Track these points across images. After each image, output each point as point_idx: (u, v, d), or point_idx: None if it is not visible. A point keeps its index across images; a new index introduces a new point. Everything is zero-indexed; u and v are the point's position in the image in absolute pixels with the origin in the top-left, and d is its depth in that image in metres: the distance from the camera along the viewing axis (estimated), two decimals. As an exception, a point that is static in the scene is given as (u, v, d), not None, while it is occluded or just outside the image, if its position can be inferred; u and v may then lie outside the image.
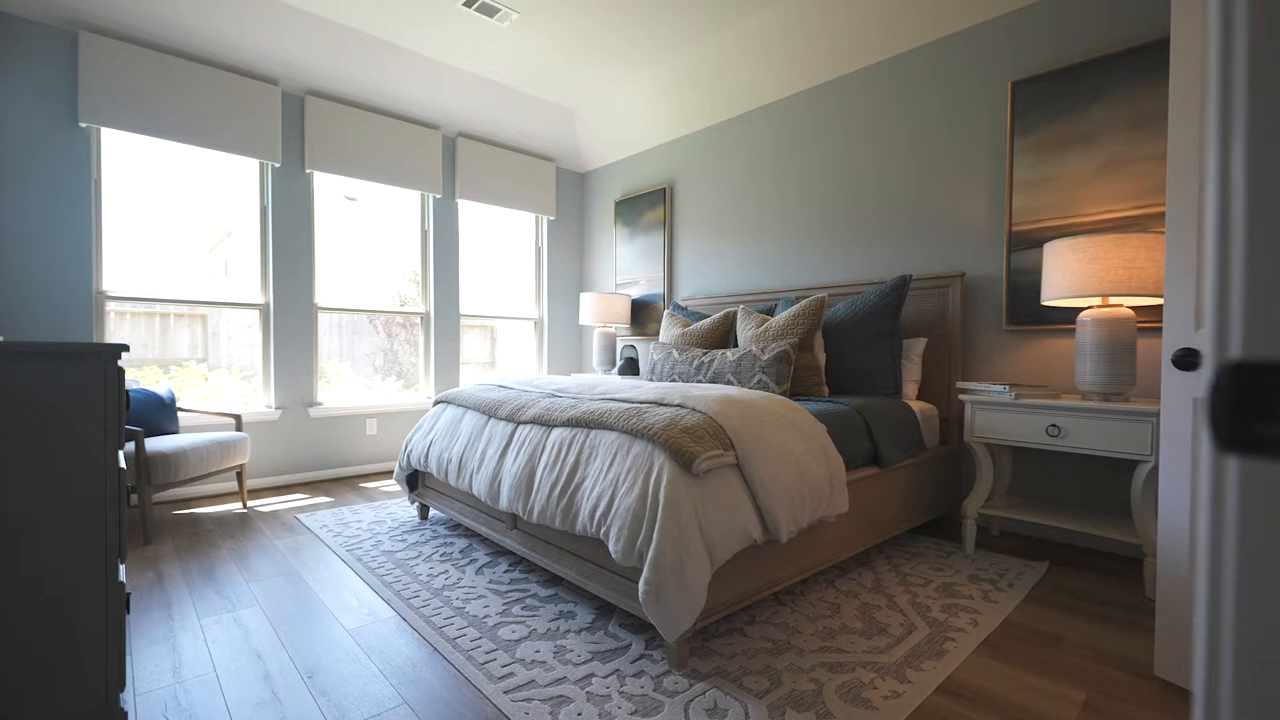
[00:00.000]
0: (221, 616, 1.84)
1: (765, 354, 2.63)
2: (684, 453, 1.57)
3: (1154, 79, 2.29)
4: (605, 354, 4.42)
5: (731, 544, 1.56)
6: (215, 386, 3.68)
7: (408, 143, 4.01)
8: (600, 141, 4.67)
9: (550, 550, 1.98)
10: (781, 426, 1.83)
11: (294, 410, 3.65)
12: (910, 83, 3.04)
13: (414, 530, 2.70)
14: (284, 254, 3.59)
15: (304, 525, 2.78)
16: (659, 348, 3.19)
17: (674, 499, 1.52)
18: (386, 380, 4.37)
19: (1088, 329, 2.18)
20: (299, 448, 3.66)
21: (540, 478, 1.94)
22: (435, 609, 1.89)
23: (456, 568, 2.25)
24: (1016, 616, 1.87)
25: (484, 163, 4.44)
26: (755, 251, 3.78)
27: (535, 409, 2.16)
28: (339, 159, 3.72)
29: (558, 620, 1.82)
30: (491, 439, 2.29)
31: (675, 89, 3.91)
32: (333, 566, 2.27)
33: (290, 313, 3.62)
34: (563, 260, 5.08)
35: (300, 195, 3.63)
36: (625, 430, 1.75)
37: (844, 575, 2.19)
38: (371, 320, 4.34)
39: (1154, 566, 2.00)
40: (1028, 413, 2.25)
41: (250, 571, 2.21)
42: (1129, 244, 2.04)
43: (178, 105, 3.14)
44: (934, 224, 2.95)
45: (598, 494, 1.70)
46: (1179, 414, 1.45)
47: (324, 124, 3.66)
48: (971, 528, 2.42)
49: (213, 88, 3.25)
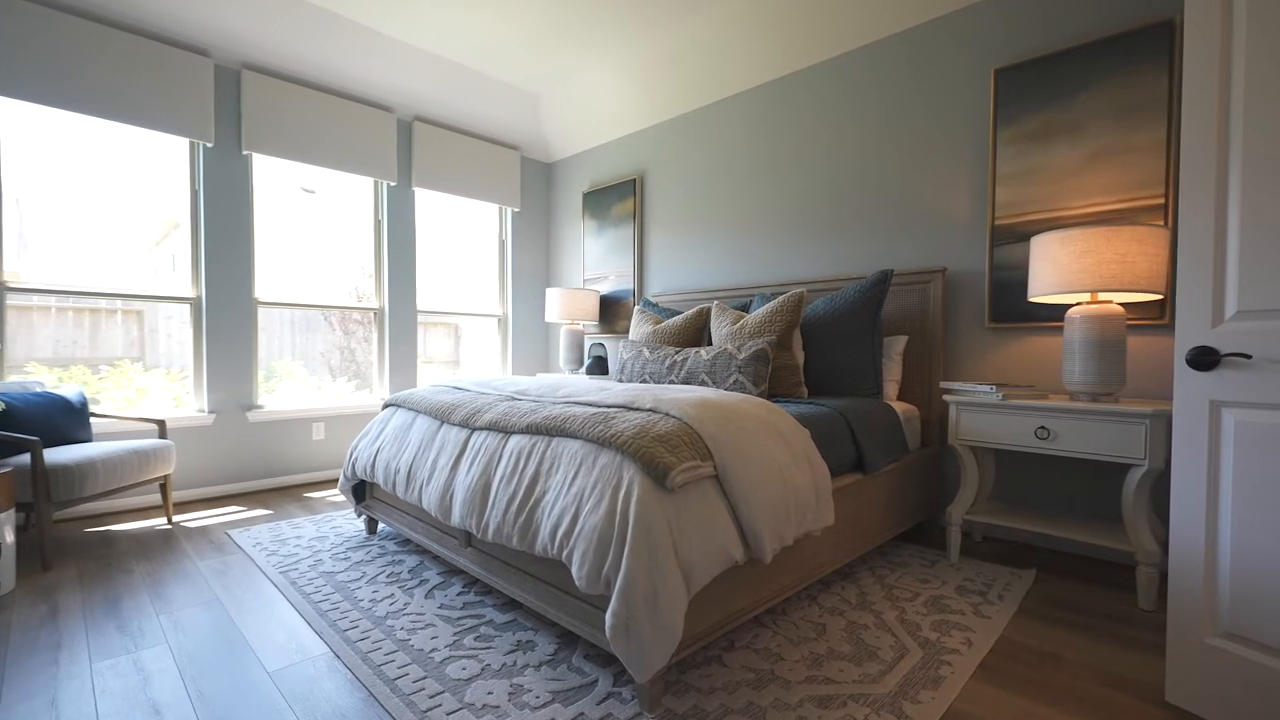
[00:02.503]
0: (119, 659, 1.58)
1: (742, 352, 2.47)
2: (657, 464, 1.39)
3: (1143, 66, 2.20)
4: (572, 353, 4.21)
5: (710, 567, 1.39)
6: (143, 388, 3.34)
7: (358, 125, 3.73)
8: (567, 130, 4.45)
9: (508, 572, 1.78)
10: (762, 432, 1.67)
11: (230, 414, 3.34)
12: (889, 70, 2.92)
13: (359, 547, 2.46)
14: (219, 242, 3.27)
15: (234, 543, 2.50)
16: (629, 346, 3.00)
17: (646, 517, 1.33)
18: (340, 380, 4.07)
19: (1076, 327, 2.08)
20: (235, 455, 3.35)
21: (496, 491, 1.73)
22: (375, 642, 1.66)
23: (404, 591, 2.02)
24: (1011, 633, 1.75)
25: (443, 149, 4.17)
26: (729, 245, 3.62)
27: (491, 414, 1.95)
28: (281, 140, 3.42)
29: (515, 652, 1.62)
30: (444, 447, 2.07)
31: (645, 75, 3.72)
32: (262, 592, 2.02)
33: (225, 307, 3.31)
34: (528, 254, 4.85)
35: (237, 178, 3.32)
36: (591, 438, 1.56)
37: (826, 590, 2.04)
38: (327, 317, 4.04)
39: (1148, 576, 1.91)
40: (1015, 414, 2.15)
41: (164, 601, 1.94)
42: (1121, 237, 1.94)
43: (89, 74, 2.80)
44: (914, 217, 2.84)
45: (559, 511, 1.50)
46: (1194, 417, 1.33)
47: (263, 101, 3.35)
48: (956, 535, 2.31)
49: (133, 56, 2.92)
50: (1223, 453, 1.30)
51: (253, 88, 3.31)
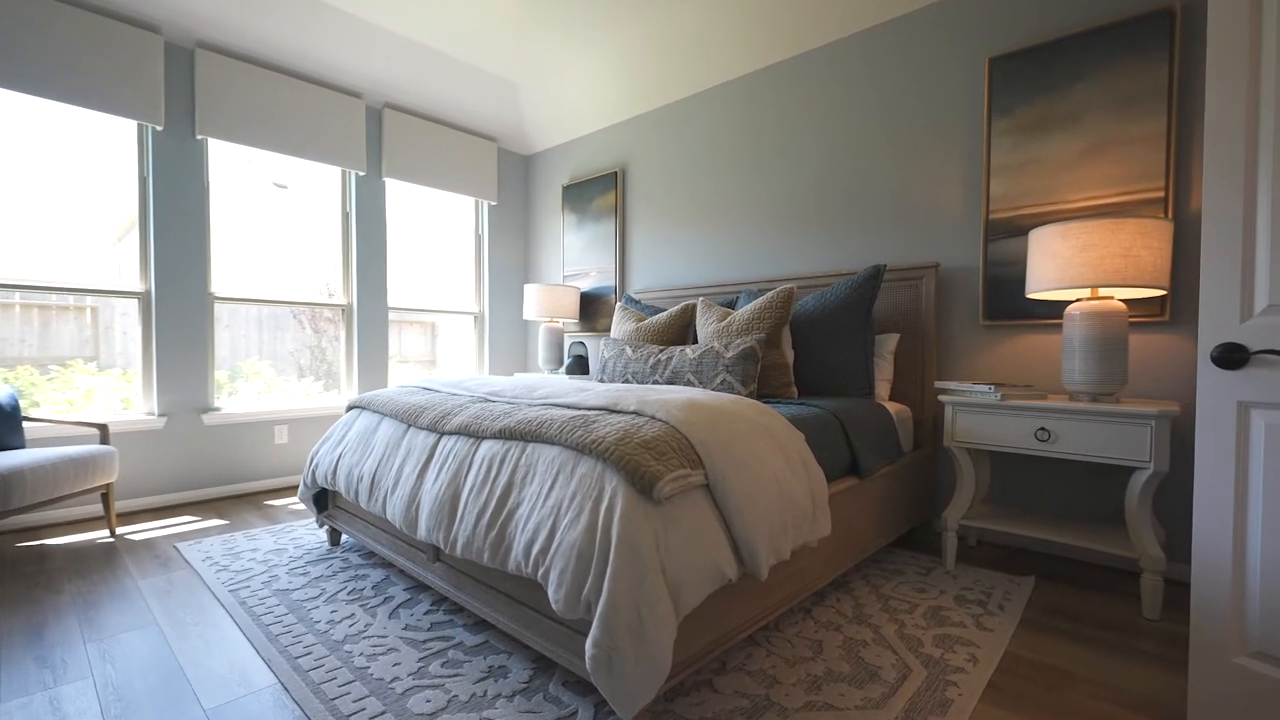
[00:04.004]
0: (33, 697, 1.39)
1: (729, 351, 2.35)
2: (643, 473, 1.25)
3: (1142, 55, 2.13)
4: (551, 351, 4.06)
5: (701, 586, 1.26)
6: (88, 389, 3.11)
7: (324, 111, 3.52)
8: (546, 121, 4.29)
9: (479, 590, 1.63)
10: (756, 436, 1.54)
11: (183, 417, 3.12)
12: (880, 59, 2.82)
13: (320, 560, 2.28)
14: (170, 233, 3.05)
15: (182, 557, 2.31)
16: (611, 344, 2.86)
17: (630, 534, 1.20)
18: (307, 380, 3.86)
19: (1076, 324, 2.00)
20: (189, 461, 3.13)
21: (466, 502, 1.58)
22: (330, 671, 1.50)
23: (366, 610, 1.85)
24: (1016, 647, 1.65)
25: (415, 138, 3.98)
26: (714, 241, 3.50)
27: (462, 417, 1.80)
28: (240, 125, 3.20)
29: (486, 680, 1.47)
30: (410, 453, 1.91)
31: (628, 64, 3.59)
32: (207, 614, 1.84)
33: (178, 302, 3.08)
34: (505, 250, 4.67)
35: (190, 164, 3.10)
36: (570, 444, 1.41)
37: (820, 602, 1.93)
38: (297, 315, 3.82)
39: (1153, 584, 1.83)
40: (1015, 415, 2.06)
41: (94, 626, 1.75)
42: (1125, 230, 1.86)
43: (27, 50, 2.57)
44: (906, 212, 2.75)
45: (534, 525, 1.36)
46: (1220, 419, 1.24)
47: (219, 83, 3.13)
48: (952, 541, 2.22)
49: (76, 32, 2.69)
50: (1251, 457, 1.20)
51: (208, 68, 3.09)
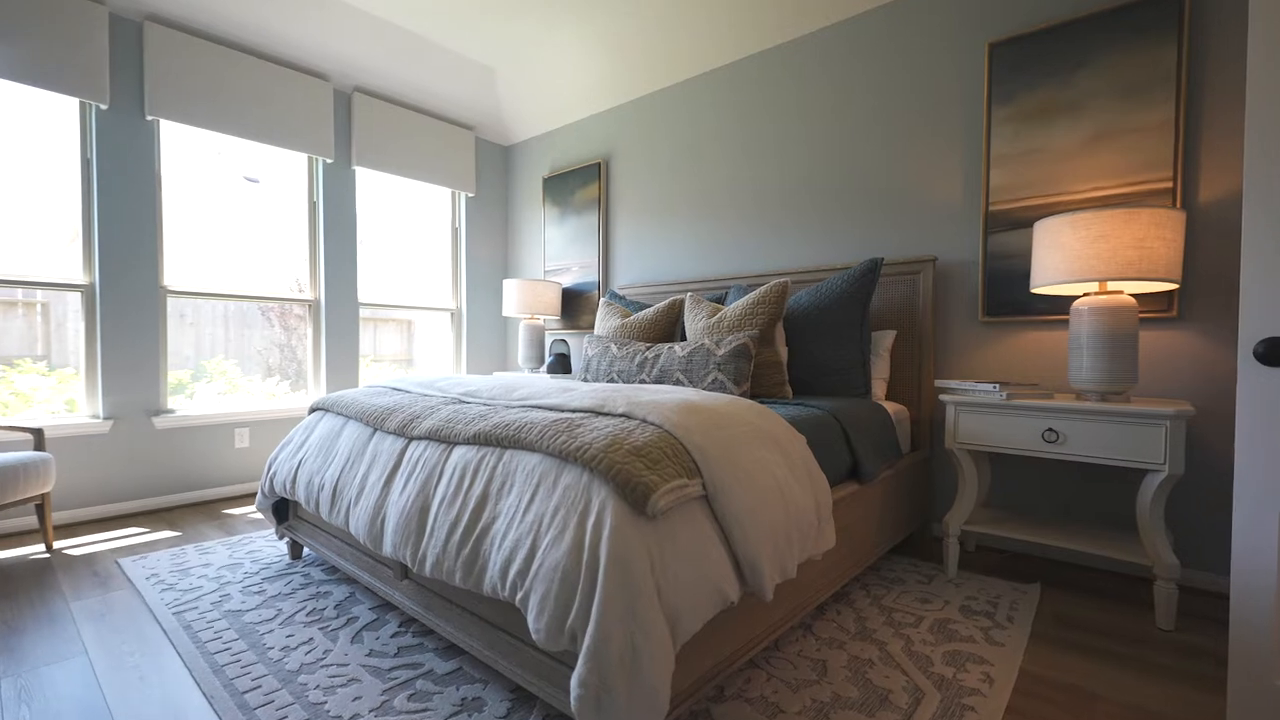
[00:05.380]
0: (-73, 749, 1.21)
1: (721, 348, 2.21)
2: (635, 484, 1.11)
3: (1149, 40, 2.05)
4: (532, 349, 3.89)
5: (701, 611, 1.12)
6: (24, 392, 2.86)
7: (288, 93, 3.31)
8: (526, 109, 4.12)
9: (451, 612, 1.47)
10: (757, 440, 1.41)
11: (132, 420, 2.89)
12: (875, 45, 2.71)
13: (279, 575, 2.10)
14: (117, 221, 2.82)
15: (124, 575, 2.10)
16: (595, 342, 2.72)
17: (621, 554, 1.05)
18: (272, 380, 3.64)
19: (1084, 319, 1.91)
20: (138, 468, 2.90)
21: (436, 515, 1.42)
22: (281, 709, 1.33)
23: (326, 634, 1.68)
24: (1031, 664, 1.55)
25: (387, 125, 3.78)
26: (702, 234, 3.37)
27: (432, 420, 1.64)
28: (195, 106, 2.98)
29: (459, 715, 1.32)
30: (375, 460, 1.74)
31: (610, 50, 3.43)
32: (146, 642, 1.65)
33: (125, 297, 2.86)
34: (484, 243, 4.49)
35: (139, 146, 2.87)
36: (552, 451, 1.27)
37: (820, 616, 1.81)
38: (265, 312, 3.60)
39: (1167, 592, 1.74)
40: (1021, 415, 1.96)
41: (14, 658, 1.55)
42: (1139, 221, 1.77)
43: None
44: (902, 203, 2.64)
45: (512, 543, 1.21)
46: (1263, 421, 1.14)
47: (171, 60, 2.91)
48: (954, 547, 2.12)
49: (10, 1, 2.46)
50: (1300, 463, 1.11)
51: (158, 43, 2.86)
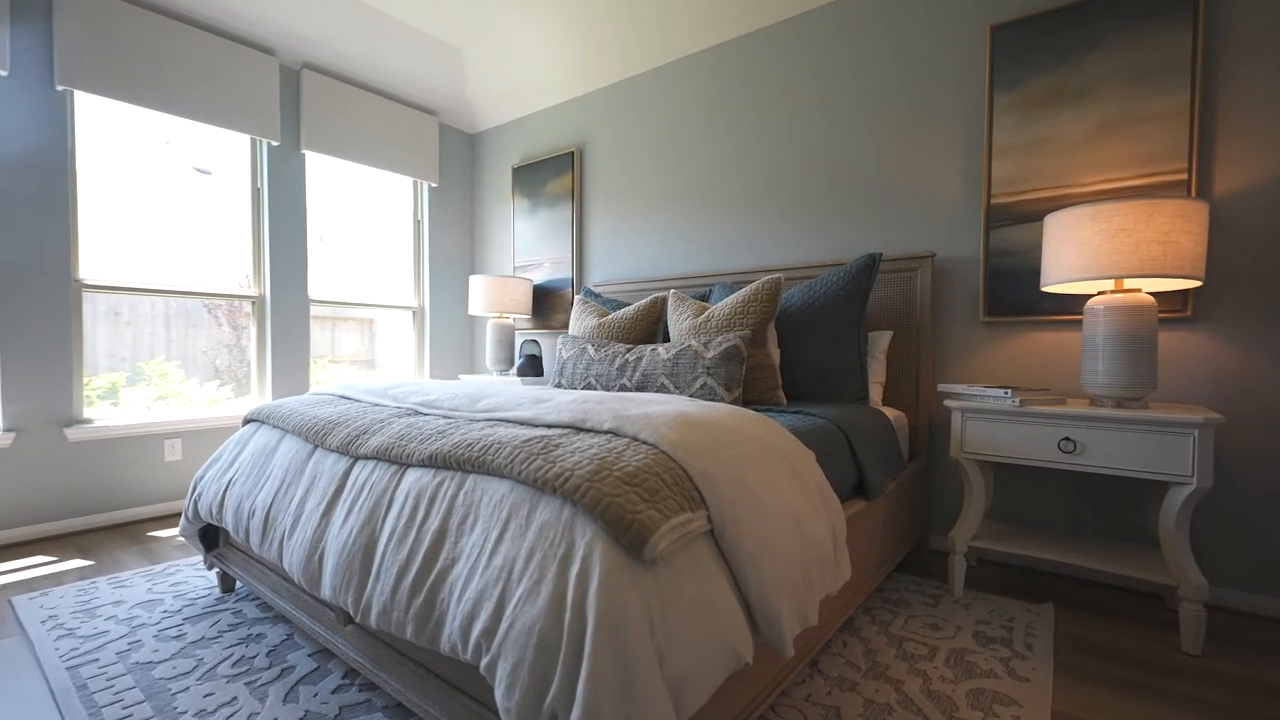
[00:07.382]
0: None
1: (710, 350, 2.02)
2: (629, 523, 0.90)
3: (1162, 22, 1.93)
4: (501, 350, 3.64)
5: (711, 677, 0.92)
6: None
7: (227, 68, 2.98)
8: (495, 94, 3.86)
9: (403, 668, 1.23)
10: (766, 460, 1.21)
11: (39, 432, 2.53)
12: (868, 28, 2.56)
13: (205, 614, 1.81)
14: (16, 205, 2.47)
15: (15, 618, 1.79)
16: (570, 343, 2.49)
17: (613, 612, 0.84)
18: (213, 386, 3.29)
19: (1100, 320, 1.77)
20: (46, 486, 2.55)
21: (383, 554, 1.18)
22: (185, 800, 1.07)
23: (254, 690, 1.42)
24: (1062, 703, 1.39)
25: (341, 106, 3.47)
26: (683, 229, 3.17)
27: (382, 436, 1.39)
28: (115, 76, 2.64)
29: (410, 800, 1.08)
30: (315, 482, 1.48)
31: (587, 31, 3.21)
32: (29, 705, 1.36)
33: (28, 292, 2.50)
34: (448, 237, 4.20)
35: (49, 122, 2.52)
36: (525, 479, 1.04)
37: (826, 650, 1.62)
38: (212, 309, 3.26)
39: (1195, 615, 1.61)
40: (1036, 423, 1.81)
41: None
42: (1164, 213, 1.64)
43: None
44: (897, 196, 2.49)
45: (476, 593, 0.98)
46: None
47: (87, 26, 2.56)
48: (961, 565, 1.96)
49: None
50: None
51: (72, 7, 2.52)
